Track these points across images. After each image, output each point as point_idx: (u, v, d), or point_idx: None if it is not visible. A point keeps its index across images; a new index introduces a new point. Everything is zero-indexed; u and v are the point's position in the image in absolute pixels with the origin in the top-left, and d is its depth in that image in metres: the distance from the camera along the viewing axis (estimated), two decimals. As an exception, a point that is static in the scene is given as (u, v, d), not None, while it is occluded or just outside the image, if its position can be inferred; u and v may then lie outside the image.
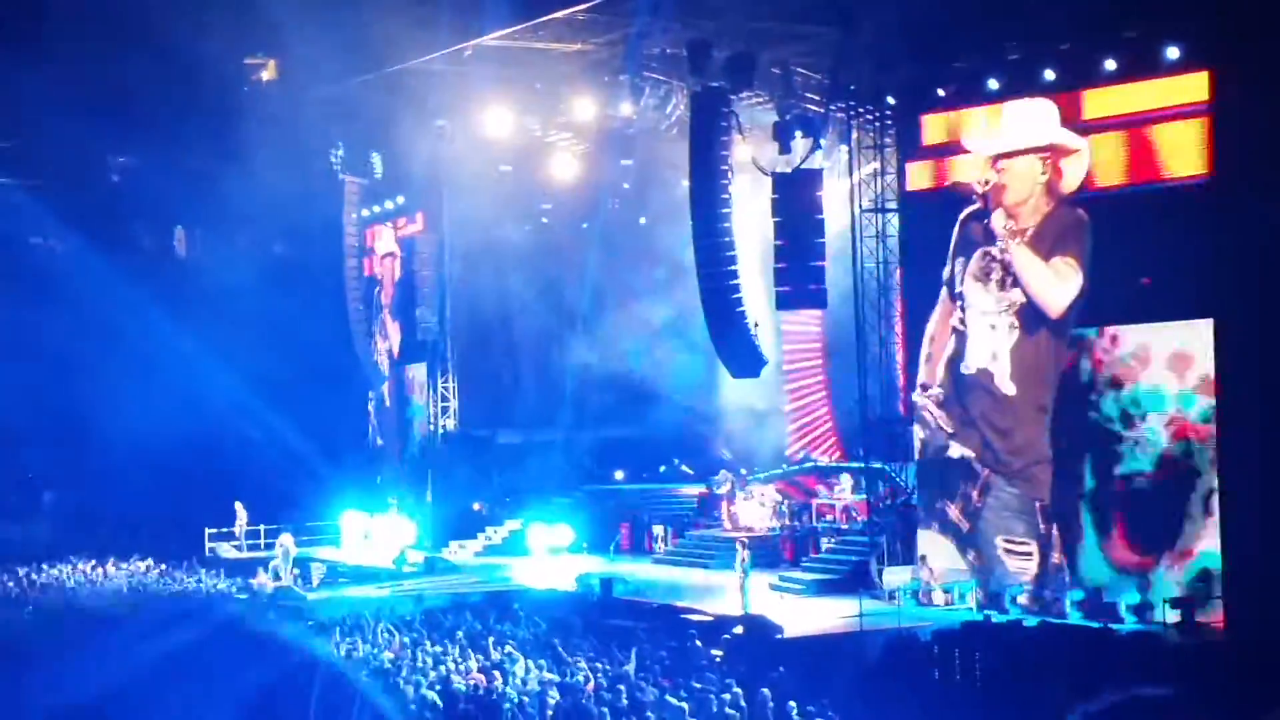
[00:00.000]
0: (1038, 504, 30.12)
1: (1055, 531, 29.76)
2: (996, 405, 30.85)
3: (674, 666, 24.83)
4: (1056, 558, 29.79)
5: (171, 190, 52.11)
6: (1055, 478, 29.85)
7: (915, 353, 33.02)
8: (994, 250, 30.79)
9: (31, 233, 54.79)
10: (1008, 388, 30.61)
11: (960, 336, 31.58)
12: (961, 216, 31.51)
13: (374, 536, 46.15)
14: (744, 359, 33.92)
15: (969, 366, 31.39)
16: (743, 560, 32.97)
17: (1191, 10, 27.15)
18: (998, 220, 30.54)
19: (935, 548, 32.00)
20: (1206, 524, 27.47)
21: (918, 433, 32.61)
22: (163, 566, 41.78)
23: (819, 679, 27.27)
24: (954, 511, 31.57)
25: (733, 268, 33.00)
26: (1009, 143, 30.44)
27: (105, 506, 48.13)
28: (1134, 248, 28.61)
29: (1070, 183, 29.76)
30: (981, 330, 31.10)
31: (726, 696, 20.58)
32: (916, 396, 32.49)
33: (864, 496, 35.73)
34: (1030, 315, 30.27)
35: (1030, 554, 30.18)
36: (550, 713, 20.59)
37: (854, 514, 37.43)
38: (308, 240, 48.67)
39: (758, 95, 35.42)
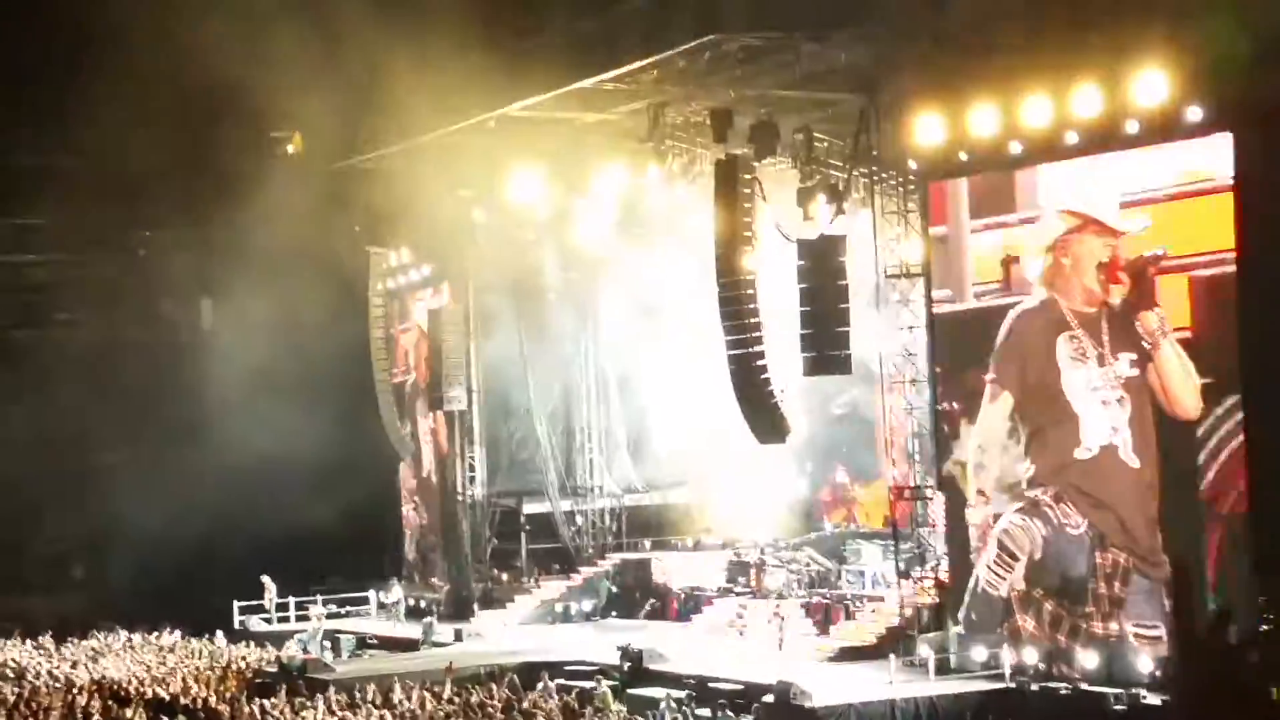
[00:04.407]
0: (1163, 585, 28.54)
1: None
2: (1125, 482, 29.30)
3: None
4: None
5: (197, 264, 52.39)
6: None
7: (954, 425, 32.63)
8: (1078, 334, 29.78)
9: (57, 309, 55.09)
10: (1133, 461, 29.12)
11: (1061, 427, 30.18)
12: (1017, 314, 30.86)
13: (403, 607, 46.12)
14: (769, 426, 33.90)
15: (1089, 449, 29.74)
16: (776, 625, 33.17)
17: (1214, 71, 27.17)
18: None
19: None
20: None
21: (1034, 530, 30.62)
22: (190, 640, 41.88)
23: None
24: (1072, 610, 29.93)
25: (758, 334, 33.05)
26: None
27: (135, 580, 48.15)
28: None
29: None
30: (1093, 408, 29.66)
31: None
32: (1030, 494, 30.69)
33: (893, 563, 35.54)
34: (1135, 387, 29.06)
35: (1159, 638, 28.51)
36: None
37: (883, 580, 37.21)
38: (334, 312, 48.83)
39: (781, 161, 35.55)
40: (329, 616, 44.42)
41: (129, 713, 29.10)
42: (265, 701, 29.73)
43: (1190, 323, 28.12)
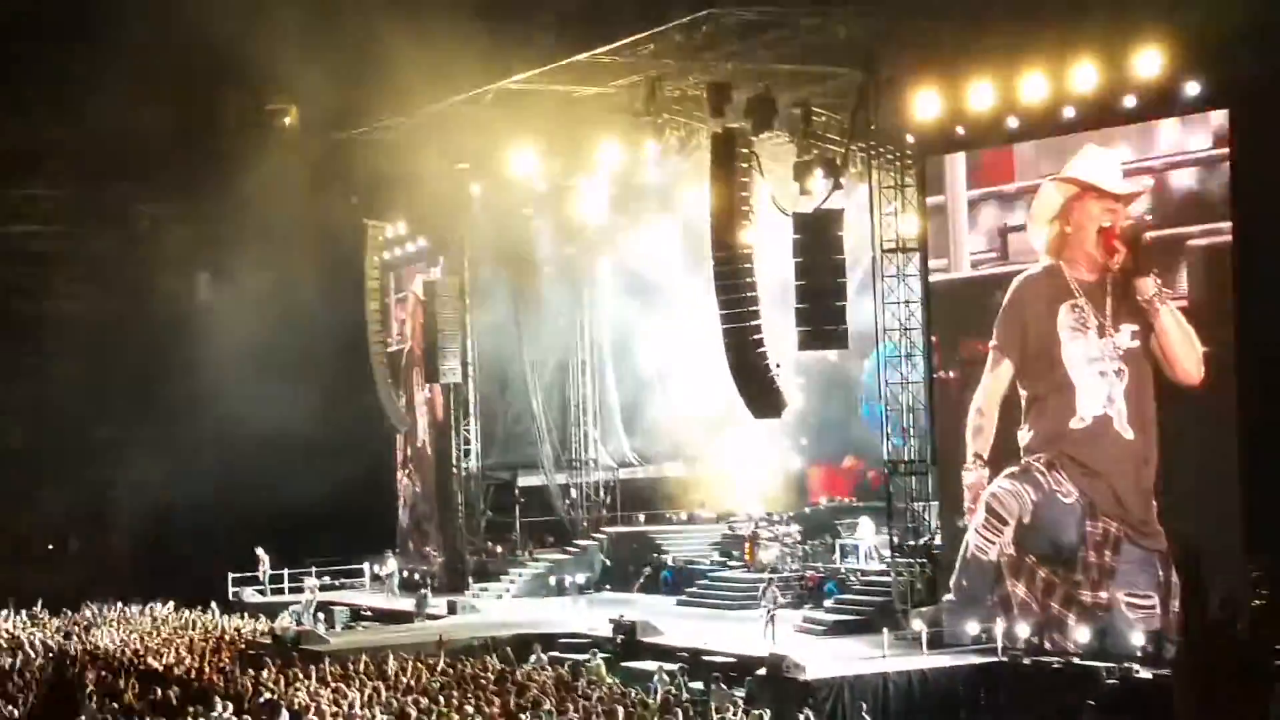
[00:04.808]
0: (1157, 555, 28.60)
1: (1175, 581, 28.17)
2: (1119, 453, 29.28)
3: (699, 708, 24.81)
4: (1177, 607, 28.07)
5: (195, 237, 52.33)
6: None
7: (950, 396, 32.59)
8: (1080, 302, 29.70)
9: (54, 281, 55.02)
10: (1127, 432, 29.12)
11: (1059, 395, 30.08)
12: (1022, 279, 30.76)
13: (397, 579, 46.22)
14: (765, 400, 33.90)
15: (1083, 419, 29.68)
16: (771, 599, 33.21)
17: (1212, 48, 27.18)
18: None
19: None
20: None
21: (1024, 494, 30.57)
22: (183, 611, 41.92)
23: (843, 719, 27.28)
24: (1064, 576, 29.83)
25: (754, 309, 33.02)
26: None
27: (129, 551, 48.23)
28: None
29: None
30: (1090, 379, 29.58)
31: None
32: (1024, 459, 30.62)
33: (887, 537, 35.60)
34: (1135, 358, 29.02)
35: (1152, 608, 28.58)
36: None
37: (877, 554, 37.28)
38: (330, 284, 48.82)
39: (778, 135, 35.48)
40: (323, 588, 44.47)
41: (122, 684, 29.04)
42: (259, 673, 29.73)
43: (1188, 292, 28.13)
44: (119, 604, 43.46)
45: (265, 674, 29.45)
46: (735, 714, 25.46)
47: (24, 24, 48.10)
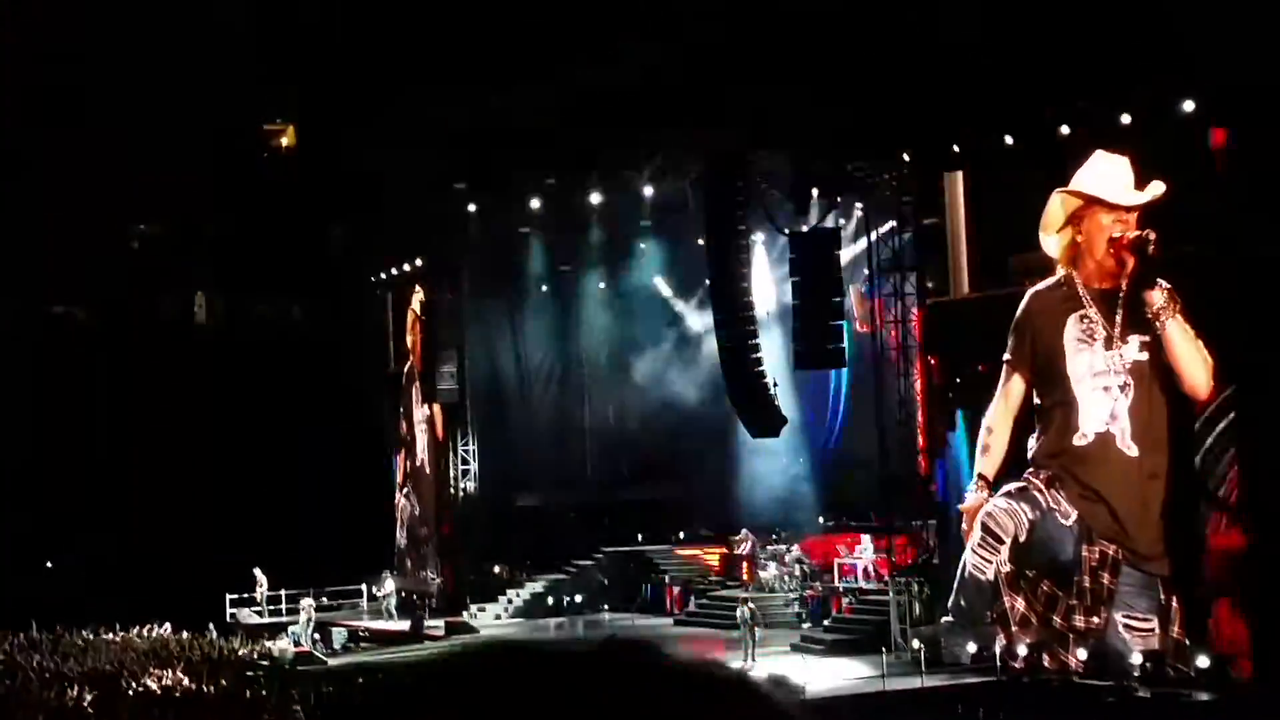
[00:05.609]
0: (1159, 580, 28.35)
1: (1176, 606, 28.17)
2: (1120, 472, 28.84)
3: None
4: (1177, 632, 28.11)
5: (192, 256, 52.34)
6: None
7: (944, 412, 32.51)
8: (1090, 313, 29.07)
9: (53, 301, 55.03)
10: (1131, 450, 28.67)
11: (1064, 410, 29.45)
12: (1034, 291, 29.98)
13: (394, 600, 46.12)
14: (763, 419, 33.93)
15: (1085, 435, 29.04)
16: (746, 615, 33.11)
17: (1208, 65, 27.22)
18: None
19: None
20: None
21: (1020, 513, 29.75)
22: (181, 633, 41.80)
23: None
24: (1063, 594, 29.48)
25: (751, 327, 33.05)
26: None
27: (127, 571, 48.11)
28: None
29: None
30: (1093, 394, 29.02)
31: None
32: (1026, 477, 29.85)
33: (885, 556, 35.54)
34: (1143, 373, 28.63)
35: (1151, 630, 28.35)
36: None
37: (875, 573, 37.21)
38: (328, 304, 48.82)
39: (775, 154, 35.45)
40: (320, 610, 44.37)
41: (120, 706, 28.99)
42: (256, 695, 29.68)
43: (1192, 307, 27.98)
44: (116, 625, 43.33)
45: (263, 695, 29.40)
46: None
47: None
